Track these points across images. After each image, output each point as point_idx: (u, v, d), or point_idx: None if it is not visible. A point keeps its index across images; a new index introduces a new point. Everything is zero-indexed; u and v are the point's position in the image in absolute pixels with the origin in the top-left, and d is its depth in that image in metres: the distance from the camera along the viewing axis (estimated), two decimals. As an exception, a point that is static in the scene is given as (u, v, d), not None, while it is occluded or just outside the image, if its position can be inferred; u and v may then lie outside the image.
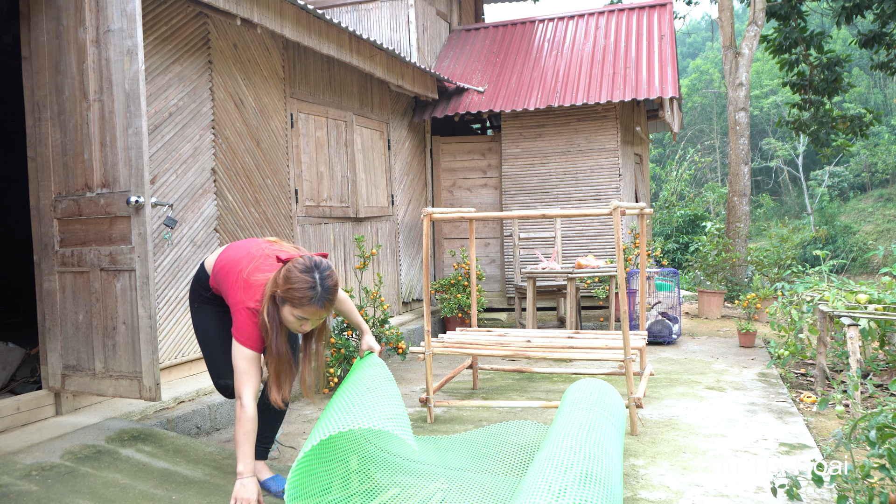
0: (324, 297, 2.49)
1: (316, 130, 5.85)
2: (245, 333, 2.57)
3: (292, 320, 2.52)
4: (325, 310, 2.51)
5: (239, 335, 2.58)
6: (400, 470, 3.01)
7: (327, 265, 2.56)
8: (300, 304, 2.47)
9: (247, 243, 2.84)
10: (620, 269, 3.85)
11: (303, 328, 2.55)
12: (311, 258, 2.54)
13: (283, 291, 2.48)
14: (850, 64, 14.67)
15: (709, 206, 20.02)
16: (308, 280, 2.47)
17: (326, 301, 2.50)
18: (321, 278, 2.49)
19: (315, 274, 2.48)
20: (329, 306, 2.52)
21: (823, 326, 4.73)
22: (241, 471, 2.53)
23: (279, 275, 2.51)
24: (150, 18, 4.06)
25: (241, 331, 2.58)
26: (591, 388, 3.19)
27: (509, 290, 7.90)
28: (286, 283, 2.47)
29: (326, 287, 2.50)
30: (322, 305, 2.49)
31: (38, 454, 3.08)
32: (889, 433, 2.53)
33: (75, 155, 3.46)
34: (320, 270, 2.50)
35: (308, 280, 2.47)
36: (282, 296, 2.49)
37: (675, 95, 7.20)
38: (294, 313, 2.50)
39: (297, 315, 2.50)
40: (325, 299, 2.49)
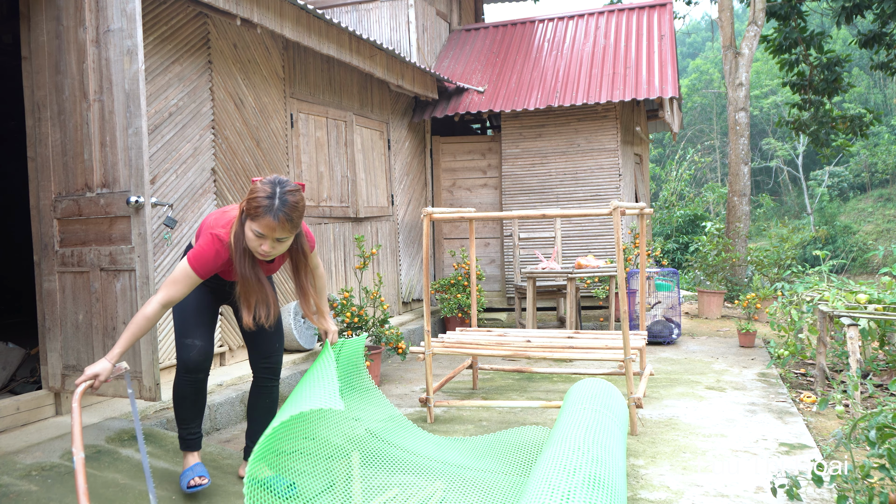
0: (280, 210, 2.37)
1: (316, 130, 5.85)
2: (198, 256, 2.52)
3: (252, 238, 2.44)
4: (279, 224, 2.39)
5: (192, 255, 2.53)
6: (401, 466, 3.01)
7: (295, 186, 2.47)
8: (256, 216, 2.39)
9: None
10: (620, 269, 3.85)
11: (262, 248, 2.45)
12: (279, 177, 2.48)
13: (245, 202, 2.43)
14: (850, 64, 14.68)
15: (709, 206, 20.02)
16: (266, 190, 2.39)
17: (282, 214, 2.38)
18: (281, 192, 2.40)
19: (276, 187, 2.41)
20: (287, 224, 2.40)
21: (823, 326, 4.73)
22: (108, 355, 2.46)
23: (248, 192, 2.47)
24: (150, 18, 4.06)
25: (195, 252, 2.53)
26: (594, 388, 3.19)
27: (509, 290, 7.90)
28: (249, 194, 2.43)
29: (285, 201, 2.39)
30: (277, 219, 2.37)
31: (38, 454, 3.08)
32: (889, 433, 2.53)
33: (75, 155, 3.46)
34: (282, 185, 2.43)
35: (266, 190, 2.39)
36: (243, 207, 2.45)
37: (675, 95, 7.20)
38: (252, 228, 2.42)
39: (255, 230, 2.41)
40: (282, 212, 2.38)
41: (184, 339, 2.77)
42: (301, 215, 2.47)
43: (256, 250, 2.47)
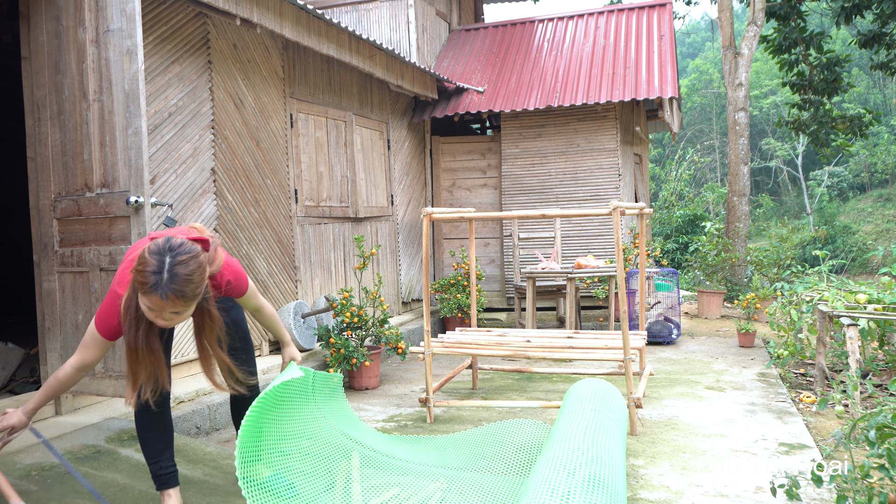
0: (168, 287, 2.04)
1: (315, 130, 5.85)
2: (102, 317, 2.30)
3: (145, 310, 2.13)
4: (168, 302, 2.06)
5: (97, 317, 2.32)
6: (400, 471, 3.01)
7: (188, 250, 2.11)
8: (143, 292, 2.07)
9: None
10: (620, 269, 3.85)
11: (157, 321, 2.14)
12: (171, 239, 2.13)
13: (133, 273, 2.11)
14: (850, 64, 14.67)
15: (708, 206, 20.02)
16: (153, 264, 2.06)
17: (171, 292, 2.05)
18: (171, 263, 2.06)
19: (165, 258, 2.07)
20: (177, 301, 2.07)
21: (823, 326, 4.74)
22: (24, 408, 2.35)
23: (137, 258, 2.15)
24: (150, 18, 4.06)
25: (100, 314, 2.31)
26: (594, 388, 3.19)
27: (509, 290, 7.90)
28: (137, 264, 2.10)
29: (175, 275, 2.05)
30: (164, 297, 2.05)
31: (38, 454, 3.08)
32: (888, 433, 2.53)
33: (75, 155, 3.46)
34: (173, 254, 2.08)
35: (153, 264, 2.06)
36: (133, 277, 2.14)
37: (675, 95, 7.20)
38: (142, 301, 2.11)
39: (144, 303, 2.10)
40: (171, 289, 2.05)
41: None
42: (199, 285, 2.13)
43: (155, 321, 2.15)
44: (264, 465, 2.50)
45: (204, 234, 2.31)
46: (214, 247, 2.30)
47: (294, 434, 2.79)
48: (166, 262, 2.07)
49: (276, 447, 2.63)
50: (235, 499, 2.81)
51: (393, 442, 3.37)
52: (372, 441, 3.18)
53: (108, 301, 2.30)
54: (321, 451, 2.87)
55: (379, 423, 4.17)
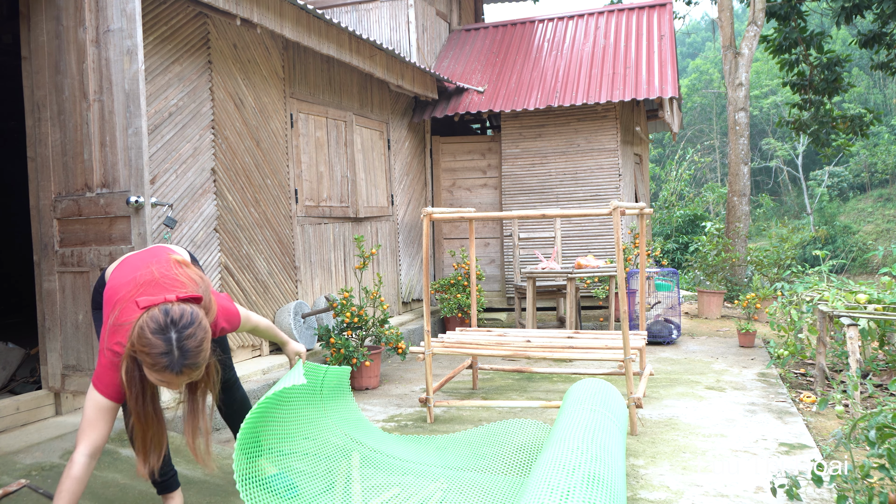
0: (181, 364, 2.02)
1: (316, 130, 5.85)
2: (103, 379, 2.17)
3: (155, 382, 2.10)
4: (184, 376, 2.06)
5: (96, 379, 2.18)
6: (400, 471, 3.01)
7: (191, 320, 2.06)
8: (154, 370, 2.03)
9: (141, 260, 2.38)
10: (620, 269, 3.85)
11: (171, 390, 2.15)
12: (169, 311, 2.05)
13: (138, 353, 2.05)
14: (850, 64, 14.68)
15: (708, 206, 20.03)
16: (159, 345, 2.01)
17: (185, 367, 2.03)
18: (178, 339, 2.02)
19: (171, 334, 2.02)
20: (190, 371, 2.06)
21: (823, 326, 4.73)
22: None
23: (133, 330, 2.05)
24: (150, 18, 4.06)
25: (99, 375, 2.18)
26: (593, 388, 3.19)
27: (509, 290, 7.90)
28: (139, 344, 2.03)
29: (185, 350, 2.02)
30: (179, 372, 2.03)
31: (38, 454, 3.08)
32: (889, 433, 2.53)
33: (75, 155, 3.46)
34: (178, 328, 2.03)
35: (159, 345, 2.01)
36: (138, 357, 2.06)
37: (675, 95, 7.20)
38: (153, 377, 2.07)
39: (157, 379, 2.07)
40: (184, 365, 2.03)
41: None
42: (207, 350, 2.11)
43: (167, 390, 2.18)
44: (269, 462, 2.50)
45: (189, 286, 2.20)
46: (207, 299, 2.21)
47: (298, 432, 2.80)
48: (173, 339, 2.02)
49: (281, 444, 2.64)
50: (235, 499, 2.81)
51: (393, 441, 3.37)
52: (372, 440, 3.18)
53: (107, 363, 2.17)
54: (322, 451, 2.87)
55: (379, 423, 4.17)
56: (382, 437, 3.34)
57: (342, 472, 2.83)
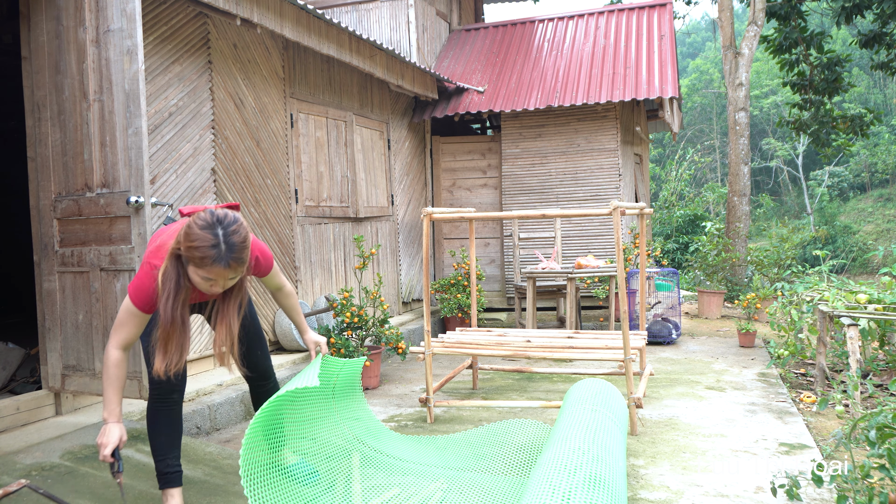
0: (228, 256, 2.18)
1: (316, 130, 5.85)
2: (139, 291, 2.33)
3: (199, 281, 2.23)
4: (231, 270, 2.20)
5: (132, 289, 2.35)
6: (400, 471, 3.01)
7: (234, 218, 2.24)
8: (203, 265, 2.17)
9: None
10: (620, 269, 3.85)
11: (213, 289, 2.26)
12: (215, 212, 2.23)
13: (185, 250, 2.19)
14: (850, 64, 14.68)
15: (709, 206, 20.02)
16: (209, 238, 2.16)
17: (232, 260, 2.19)
18: (225, 234, 2.17)
19: (218, 230, 2.17)
20: (237, 266, 2.21)
21: (823, 326, 4.73)
22: (105, 417, 2.37)
23: (181, 232, 2.22)
24: (150, 18, 4.06)
25: (136, 285, 2.34)
26: (594, 388, 3.19)
27: (509, 290, 7.90)
28: (187, 241, 2.18)
29: (231, 244, 2.18)
30: (227, 265, 2.18)
31: (38, 454, 3.08)
32: (889, 433, 2.53)
33: (75, 155, 3.46)
34: (224, 226, 2.19)
35: (209, 238, 2.16)
36: (184, 255, 2.21)
37: (675, 95, 7.20)
38: (199, 273, 2.20)
39: (203, 276, 2.20)
40: (231, 258, 2.18)
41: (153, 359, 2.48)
42: (249, 249, 2.27)
43: (207, 291, 2.28)
44: (291, 451, 2.51)
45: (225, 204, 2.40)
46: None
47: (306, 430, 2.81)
48: (220, 234, 2.17)
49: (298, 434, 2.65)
50: (236, 499, 2.81)
51: (395, 439, 3.37)
52: (375, 438, 3.18)
53: (144, 275, 2.33)
54: (323, 450, 2.87)
55: (379, 423, 4.17)
56: (386, 434, 3.33)
57: (342, 472, 2.83)
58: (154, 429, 2.59)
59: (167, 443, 2.59)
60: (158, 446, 2.58)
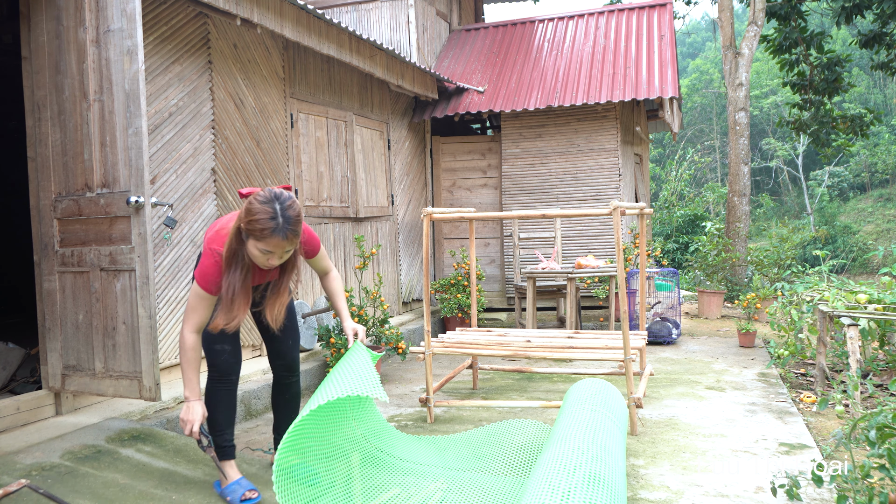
0: (286, 228, 2.44)
1: (316, 130, 5.85)
2: (205, 275, 2.59)
3: (258, 254, 2.49)
4: (288, 241, 2.47)
5: (198, 274, 2.60)
6: (400, 471, 3.01)
7: (289, 196, 2.51)
8: (262, 236, 2.43)
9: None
10: (620, 269, 3.85)
11: (270, 262, 2.52)
12: (272, 189, 2.50)
13: (246, 224, 2.45)
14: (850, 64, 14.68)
15: (709, 206, 20.03)
16: (268, 210, 2.43)
17: (289, 232, 2.45)
18: (282, 208, 2.44)
19: (275, 204, 2.44)
20: (293, 237, 2.48)
21: (823, 326, 4.73)
22: (187, 395, 2.66)
23: (242, 209, 2.48)
24: (150, 18, 4.06)
25: (202, 271, 2.60)
26: (594, 388, 3.19)
27: (509, 290, 7.90)
28: (248, 216, 2.44)
29: (287, 217, 2.45)
30: (285, 236, 2.45)
31: (38, 454, 3.08)
32: (889, 433, 2.53)
33: (75, 155, 3.46)
34: (280, 201, 2.46)
35: (268, 210, 2.43)
36: (245, 229, 2.47)
37: (675, 95, 7.20)
38: (258, 246, 2.47)
39: (262, 248, 2.47)
40: (287, 230, 2.45)
41: (213, 345, 2.83)
42: (301, 224, 2.54)
43: (265, 264, 2.54)
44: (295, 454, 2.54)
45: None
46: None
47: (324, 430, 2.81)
48: (277, 208, 2.43)
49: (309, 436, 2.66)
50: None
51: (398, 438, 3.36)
52: (378, 437, 3.17)
53: (208, 259, 2.60)
54: (323, 451, 2.87)
55: (379, 423, 4.17)
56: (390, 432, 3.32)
57: (342, 472, 2.83)
58: (214, 406, 2.84)
59: (226, 420, 2.87)
60: (218, 422, 2.85)
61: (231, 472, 2.84)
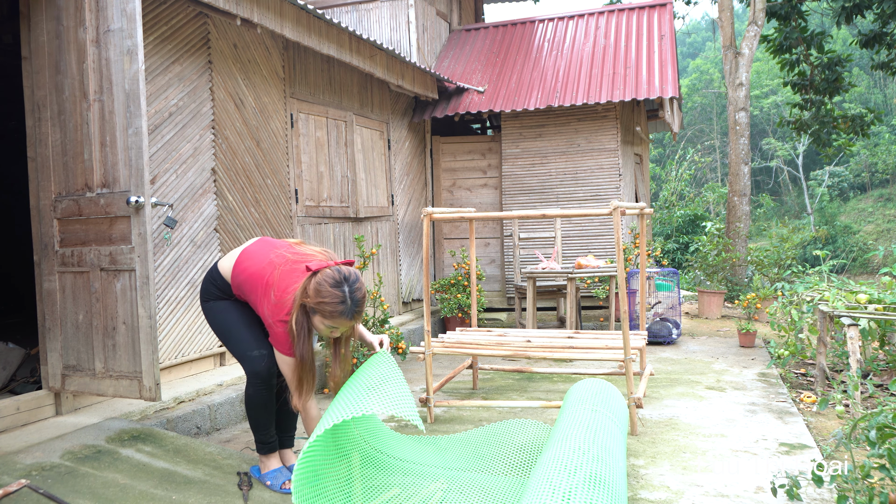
0: (353, 311, 2.63)
1: (316, 130, 5.85)
2: (284, 344, 2.73)
3: (323, 329, 2.67)
4: (354, 321, 2.66)
5: (279, 346, 2.75)
6: (400, 471, 3.01)
7: (356, 277, 2.66)
8: (331, 317, 2.61)
9: (265, 249, 2.89)
10: (620, 269, 3.85)
11: (333, 335, 2.72)
12: (341, 270, 2.64)
13: (314, 304, 2.61)
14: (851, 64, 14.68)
15: (709, 206, 20.02)
16: (338, 295, 2.59)
17: (356, 314, 2.65)
18: (350, 292, 2.61)
19: (345, 288, 2.60)
20: (358, 318, 2.67)
21: (823, 326, 4.73)
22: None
23: (309, 285, 2.62)
24: (150, 18, 4.06)
25: (280, 342, 2.74)
26: (594, 388, 3.19)
27: (509, 290, 7.90)
28: (317, 297, 2.60)
29: (356, 300, 2.63)
30: (352, 318, 2.64)
31: (38, 454, 3.08)
32: (889, 433, 2.53)
33: (75, 155, 3.46)
34: (349, 283, 2.62)
35: (338, 295, 2.59)
36: (312, 307, 2.62)
37: (675, 95, 7.20)
38: (325, 323, 2.65)
39: (328, 325, 2.65)
40: (355, 312, 2.64)
41: (250, 352, 2.92)
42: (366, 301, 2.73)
43: (327, 336, 2.73)
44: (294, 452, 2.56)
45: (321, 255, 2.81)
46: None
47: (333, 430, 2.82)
48: (347, 291, 2.61)
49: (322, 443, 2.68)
50: (236, 499, 2.81)
51: (397, 438, 3.37)
52: (376, 438, 3.17)
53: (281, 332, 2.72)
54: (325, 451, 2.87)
55: (379, 423, 4.17)
56: (387, 434, 3.33)
57: (343, 472, 2.83)
58: (258, 410, 2.96)
59: (268, 420, 3.00)
60: (263, 423, 2.98)
61: (272, 461, 3.01)
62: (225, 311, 2.99)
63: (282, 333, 2.72)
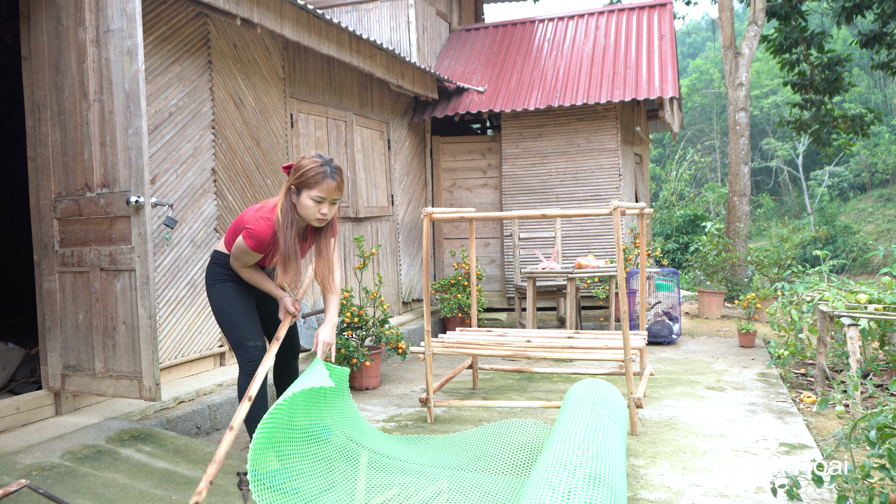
0: (335, 173, 2.81)
1: (316, 130, 5.85)
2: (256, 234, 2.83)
3: (311, 205, 2.79)
4: (337, 185, 2.80)
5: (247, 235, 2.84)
6: (401, 471, 3.01)
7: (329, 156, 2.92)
8: (315, 182, 2.76)
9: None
10: (620, 269, 3.85)
11: (321, 211, 2.81)
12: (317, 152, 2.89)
13: (298, 178, 2.78)
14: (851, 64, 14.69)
15: (709, 206, 20.02)
16: (317, 160, 2.80)
17: (338, 176, 2.81)
18: (328, 161, 2.82)
19: (323, 156, 2.83)
20: (340, 183, 2.82)
21: (823, 326, 4.73)
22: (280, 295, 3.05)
23: (293, 168, 2.83)
24: (150, 18, 4.06)
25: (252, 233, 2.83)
26: (594, 388, 3.19)
27: (509, 290, 7.90)
28: (298, 171, 2.79)
29: (334, 167, 2.83)
30: (335, 179, 2.79)
31: (38, 454, 3.08)
32: (889, 433, 2.53)
33: (75, 155, 3.46)
34: (323, 156, 2.84)
35: (317, 160, 2.80)
36: (297, 184, 2.80)
37: (675, 95, 7.20)
38: (311, 195, 2.78)
39: (314, 196, 2.78)
40: (337, 175, 2.81)
41: (245, 342, 3.00)
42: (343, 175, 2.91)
43: (315, 216, 2.82)
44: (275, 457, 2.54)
45: None
46: None
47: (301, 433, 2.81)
48: (325, 158, 2.83)
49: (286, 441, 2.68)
50: (235, 499, 2.81)
51: (392, 442, 3.37)
52: (371, 441, 3.18)
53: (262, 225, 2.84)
54: (324, 451, 2.87)
55: (379, 423, 4.17)
56: (381, 438, 3.33)
57: (345, 473, 2.83)
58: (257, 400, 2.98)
59: (262, 411, 2.99)
60: (255, 415, 2.97)
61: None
62: (227, 297, 3.06)
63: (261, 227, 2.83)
